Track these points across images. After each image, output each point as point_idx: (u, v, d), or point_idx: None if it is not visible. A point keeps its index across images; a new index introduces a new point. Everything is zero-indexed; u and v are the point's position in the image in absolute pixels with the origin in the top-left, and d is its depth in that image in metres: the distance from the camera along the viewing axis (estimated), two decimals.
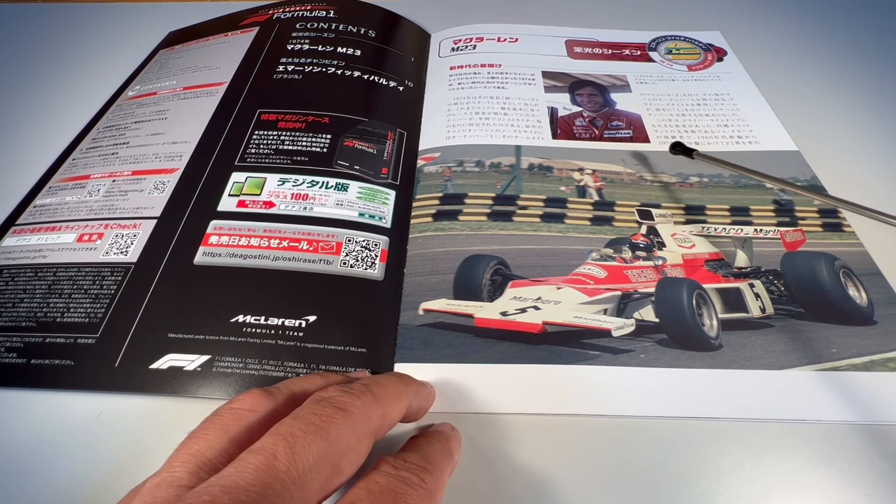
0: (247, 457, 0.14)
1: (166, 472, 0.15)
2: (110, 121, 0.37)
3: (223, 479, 0.13)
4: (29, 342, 0.24)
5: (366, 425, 0.16)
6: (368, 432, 0.16)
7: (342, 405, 0.16)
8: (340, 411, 0.16)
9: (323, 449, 0.15)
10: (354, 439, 0.16)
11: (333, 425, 0.15)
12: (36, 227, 0.30)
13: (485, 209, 0.32)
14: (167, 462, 0.15)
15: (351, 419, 0.16)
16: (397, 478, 0.16)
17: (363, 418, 0.16)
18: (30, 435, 0.22)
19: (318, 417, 0.15)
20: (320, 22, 0.43)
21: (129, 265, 0.27)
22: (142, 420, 0.22)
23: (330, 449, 0.15)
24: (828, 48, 0.44)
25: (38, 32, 0.48)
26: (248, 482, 0.13)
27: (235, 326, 0.25)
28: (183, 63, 0.41)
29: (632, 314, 0.26)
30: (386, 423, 0.18)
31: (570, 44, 0.44)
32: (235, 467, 0.14)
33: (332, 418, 0.15)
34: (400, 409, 0.18)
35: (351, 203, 0.30)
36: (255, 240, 0.28)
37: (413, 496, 0.15)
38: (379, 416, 0.17)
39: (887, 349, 0.24)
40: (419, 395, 0.20)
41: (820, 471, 0.21)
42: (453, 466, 0.19)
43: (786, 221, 0.31)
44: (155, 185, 0.31)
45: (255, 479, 0.13)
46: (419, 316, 0.26)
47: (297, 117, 0.35)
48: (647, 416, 0.22)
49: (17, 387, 0.23)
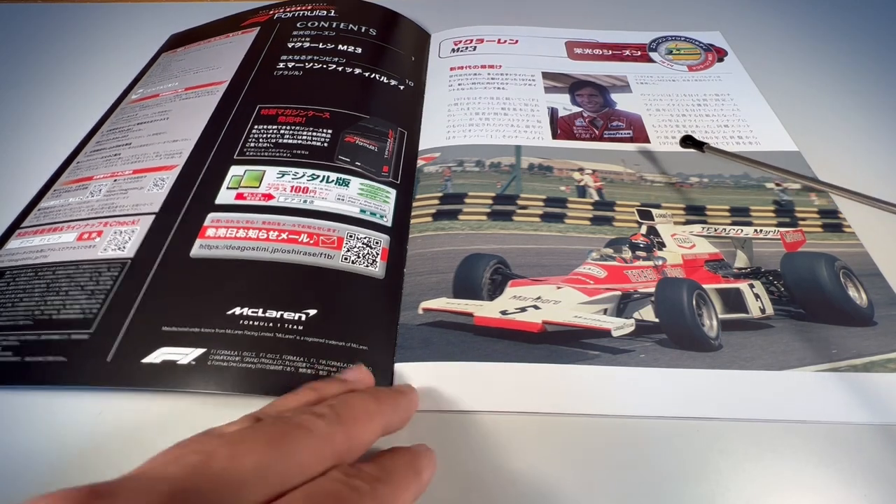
0: (185, 454, 0.14)
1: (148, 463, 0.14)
2: (114, 124, 0.37)
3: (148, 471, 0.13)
4: (24, 340, 0.24)
5: (326, 446, 0.15)
6: (330, 454, 0.15)
7: (301, 423, 0.15)
8: (300, 428, 0.15)
9: (270, 459, 0.14)
10: (311, 458, 0.15)
11: (289, 441, 0.15)
12: (39, 228, 0.30)
13: (485, 209, 0.32)
14: None
15: (309, 437, 0.15)
16: (345, 483, 0.14)
17: (322, 439, 0.15)
18: (24, 432, 0.22)
19: (275, 429, 0.15)
20: (321, 21, 0.44)
21: (125, 260, 0.27)
22: (137, 415, 0.22)
23: (279, 461, 0.14)
24: (828, 48, 0.44)
25: (40, 32, 0.48)
26: (171, 473, 0.13)
27: (232, 319, 0.24)
28: (185, 65, 0.42)
29: (631, 314, 0.26)
30: (354, 446, 0.16)
31: (571, 45, 0.44)
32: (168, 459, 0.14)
33: (288, 434, 0.15)
34: (372, 429, 0.17)
35: (352, 199, 0.30)
36: (254, 231, 0.28)
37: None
38: (343, 438, 0.16)
39: (887, 350, 0.24)
40: (396, 409, 0.20)
41: (820, 471, 0.21)
42: (419, 488, 0.17)
43: (786, 222, 0.31)
44: (154, 182, 0.31)
45: (182, 474, 0.13)
46: (419, 315, 0.26)
47: (297, 112, 0.35)
48: (647, 416, 0.22)
49: (10, 385, 0.23)
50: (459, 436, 0.22)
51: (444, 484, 0.20)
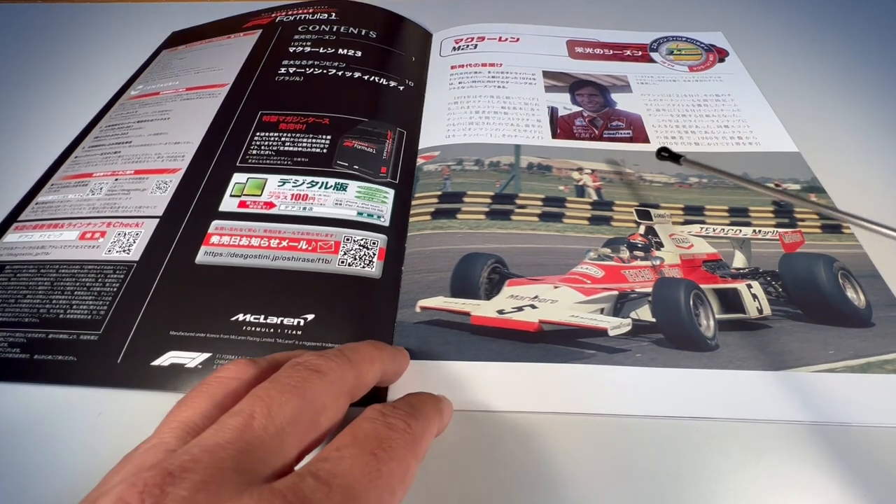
0: (226, 419, 0.15)
1: (156, 437, 0.15)
2: (112, 120, 0.37)
3: (204, 440, 0.14)
4: (32, 338, 0.25)
5: (341, 385, 0.17)
6: (344, 392, 0.17)
7: (316, 367, 0.17)
8: (315, 373, 0.17)
9: (299, 406, 0.15)
10: (330, 398, 0.17)
11: (309, 385, 0.16)
12: (38, 223, 0.30)
13: (483, 208, 0.32)
14: (157, 429, 0.16)
15: (326, 379, 0.17)
16: (383, 423, 0.16)
17: (338, 378, 0.17)
18: (32, 428, 0.22)
19: (294, 379, 0.16)
20: (322, 24, 0.44)
21: (131, 263, 0.27)
22: (144, 415, 0.23)
23: (306, 406, 0.16)
24: (829, 50, 0.44)
25: (40, 32, 0.48)
26: (226, 440, 0.14)
27: (236, 325, 0.25)
28: (186, 64, 0.42)
29: (628, 314, 0.26)
30: (361, 384, 0.18)
31: (572, 44, 0.44)
32: (215, 429, 0.14)
33: (307, 379, 0.16)
34: (374, 372, 0.19)
35: (350, 202, 0.31)
36: (256, 240, 0.28)
37: (398, 440, 0.16)
38: (353, 376, 0.18)
39: (885, 351, 0.24)
40: (394, 359, 0.21)
41: (819, 472, 0.21)
42: (441, 425, 0.19)
43: (784, 223, 0.31)
44: (157, 185, 0.31)
45: (234, 437, 0.14)
46: (416, 313, 0.26)
47: (298, 119, 0.35)
48: (643, 415, 0.22)
49: (19, 381, 0.24)
50: (454, 434, 0.22)
51: (441, 482, 0.21)
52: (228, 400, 0.16)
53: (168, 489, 0.12)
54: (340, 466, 0.14)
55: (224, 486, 0.13)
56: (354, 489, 0.14)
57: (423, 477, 0.21)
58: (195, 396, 0.17)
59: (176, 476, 0.13)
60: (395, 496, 0.15)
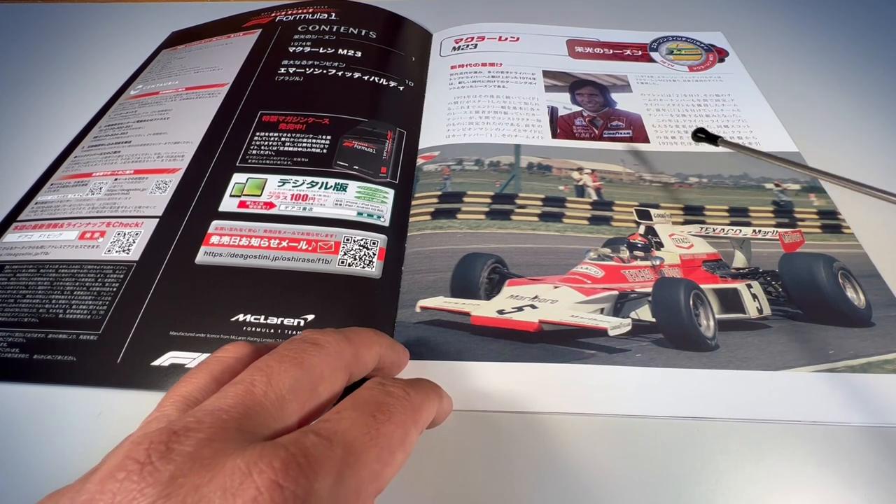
0: (227, 388, 0.15)
1: (157, 411, 0.16)
2: (112, 119, 0.37)
3: (206, 405, 0.15)
4: (31, 338, 0.24)
5: (338, 358, 0.17)
6: (341, 366, 0.18)
7: (314, 340, 0.17)
8: (313, 345, 0.17)
9: (298, 375, 0.16)
10: (328, 369, 0.17)
11: (307, 356, 0.17)
12: (38, 223, 0.30)
13: (483, 208, 0.32)
14: (159, 404, 0.16)
15: (324, 352, 0.17)
16: (382, 391, 0.16)
17: (335, 352, 0.17)
18: (32, 428, 0.22)
19: (293, 351, 0.17)
20: (322, 24, 0.44)
21: (131, 263, 0.27)
22: (144, 414, 0.23)
23: (304, 375, 0.16)
24: (829, 50, 0.44)
25: (40, 32, 0.48)
26: (229, 405, 0.14)
27: (236, 325, 0.25)
28: (185, 63, 0.42)
29: (628, 314, 0.26)
30: (359, 363, 0.18)
31: (572, 43, 0.44)
32: (217, 396, 0.15)
33: (305, 350, 0.17)
34: (373, 355, 0.19)
35: (349, 202, 0.31)
36: (256, 240, 0.28)
37: (396, 406, 0.16)
38: (351, 353, 0.18)
39: (885, 351, 0.24)
40: (392, 348, 0.21)
41: (819, 472, 0.21)
42: (441, 409, 0.19)
43: (784, 222, 0.31)
44: (157, 185, 0.31)
45: (236, 402, 0.15)
46: (416, 313, 0.26)
47: (297, 119, 0.35)
48: (643, 415, 0.22)
49: (19, 381, 0.24)
50: (453, 434, 0.22)
51: (441, 482, 0.21)
52: (227, 376, 0.17)
53: (173, 446, 0.13)
54: (341, 425, 0.15)
55: (228, 443, 0.13)
56: (354, 445, 0.14)
57: (423, 476, 0.21)
58: (195, 373, 0.17)
59: (181, 434, 0.13)
60: (394, 456, 0.15)
